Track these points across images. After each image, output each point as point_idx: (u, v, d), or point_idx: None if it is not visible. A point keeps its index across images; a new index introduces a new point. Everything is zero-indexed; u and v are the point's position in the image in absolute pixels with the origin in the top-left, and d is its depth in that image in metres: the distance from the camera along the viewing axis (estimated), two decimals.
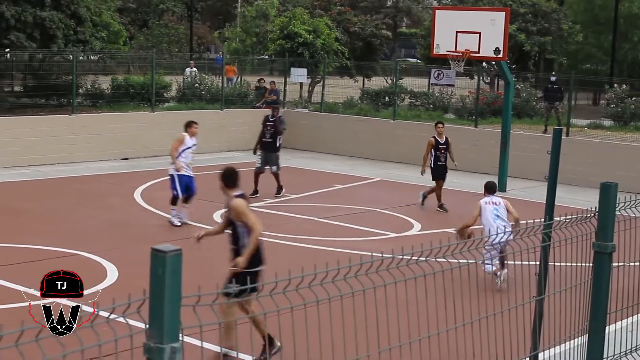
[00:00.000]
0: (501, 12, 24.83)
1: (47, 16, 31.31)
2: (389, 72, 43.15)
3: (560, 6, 52.22)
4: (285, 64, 34.88)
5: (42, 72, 32.72)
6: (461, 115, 33.60)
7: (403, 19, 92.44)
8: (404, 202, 21.69)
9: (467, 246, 5.96)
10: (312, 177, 25.55)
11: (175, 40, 62.89)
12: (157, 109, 29.70)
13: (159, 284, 3.93)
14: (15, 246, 15.58)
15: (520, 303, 6.75)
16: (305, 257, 15.31)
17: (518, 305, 6.69)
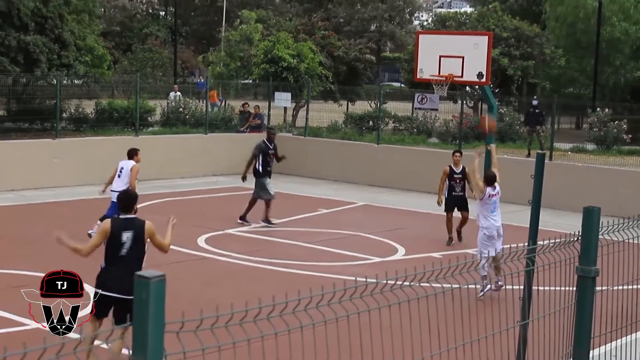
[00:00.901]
0: (484, 36, 24.93)
1: (31, 40, 31.33)
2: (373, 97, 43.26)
3: (543, 31, 52.56)
4: (269, 88, 34.93)
5: (26, 96, 32.68)
6: (445, 139, 33.70)
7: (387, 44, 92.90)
8: (388, 227, 21.70)
9: (452, 271, 5.95)
10: (296, 201, 25.54)
11: (159, 64, 62.97)
12: (141, 133, 29.66)
13: (142, 309, 3.91)
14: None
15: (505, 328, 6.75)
16: (290, 282, 15.27)
17: (502, 330, 6.69)
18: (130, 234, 10.42)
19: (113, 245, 10.45)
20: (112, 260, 10.45)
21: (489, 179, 15.58)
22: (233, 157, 30.38)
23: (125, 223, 10.54)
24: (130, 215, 10.67)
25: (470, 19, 52.36)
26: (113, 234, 10.44)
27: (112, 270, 10.43)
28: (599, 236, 7.04)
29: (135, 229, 10.46)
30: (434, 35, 28.15)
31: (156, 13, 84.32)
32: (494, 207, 15.41)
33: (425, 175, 27.84)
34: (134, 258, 10.38)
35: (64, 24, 33.59)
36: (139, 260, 10.44)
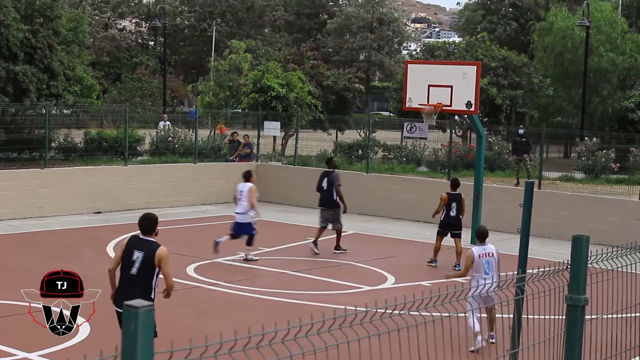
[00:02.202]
0: (472, 66, 25.06)
1: (20, 70, 31.33)
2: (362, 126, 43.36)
3: (531, 60, 52.87)
4: (259, 118, 34.98)
5: (15, 125, 32.61)
6: (434, 168, 33.74)
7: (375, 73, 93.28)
8: (377, 255, 21.68)
9: (441, 300, 5.95)
10: (285, 230, 25.52)
11: (148, 93, 63.08)
12: (130, 163, 29.64)
13: (131, 339, 3.90)
14: None
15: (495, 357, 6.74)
16: (279, 311, 15.23)
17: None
18: (141, 255, 10.56)
19: (125, 262, 10.69)
20: (124, 276, 10.69)
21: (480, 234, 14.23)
22: (222, 186, 30.40)
23: (140, 243, 10.72)
24: (149, 237, 10.78)
25: (459, 49, 52.58)
26: (126, 251, 10.68)
27: (122, 286, 10.65)
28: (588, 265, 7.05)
29: (147, 251, 10.59)
30: (422, 65, 28.27)
31: (145, 43, 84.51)
32: (488, 269, 13.70)
33: (415, 203, 27.89)
34: (141, 278, 10.52)
35: (53, 54, 33.61)
36: (146, 281, 10.54)
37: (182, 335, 10.59)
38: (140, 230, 10.88)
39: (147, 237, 10.80)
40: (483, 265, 13.59)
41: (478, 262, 13.62)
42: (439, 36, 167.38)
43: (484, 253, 13.73)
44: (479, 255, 13.69)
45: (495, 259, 13.79)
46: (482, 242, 13.94)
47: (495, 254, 13.86)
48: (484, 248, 13.83)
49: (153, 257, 10.54)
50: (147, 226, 10.85)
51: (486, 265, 13.64)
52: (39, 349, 12.02)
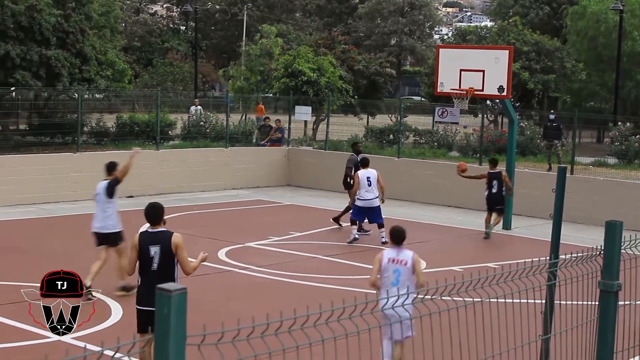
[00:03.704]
0: (505, 50, 24.92)
1: (53, 55, 31.51)
2: (393, 110, 43.31)
3: (564, 45, 52.46)
4: (290, 102, 34.99)
5: (48, 110, 32.86)
6: (465, 152, 33.63)
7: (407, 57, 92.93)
8: (409, 240, 21.59)
9: (473, 285, 5.93)
10: (316, 214, 25.53)
11: (179, 78, 63.19)
12: (162, 147, 29.75)
13: (164, 323, 3.91)
14: (19, 284, 15.54)
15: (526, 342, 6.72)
16: (310, 295, 15.26)
17: (524, 345, 6.65)
18: (158, 249, 10.31)
19: (143, 260, 10.40)
20: (144, 274, 10.39)
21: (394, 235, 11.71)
22: (254, 171, 30.46)
23: (152, 237, 10.43)
24: (159, 228, 10.53)
25: (491, 33, 52.27)
26: (141, 249, 10.38)
27: (145, 284, 10.33)
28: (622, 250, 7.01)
29: (162, 243, 10.33)
30: (454, 50, 28.15)
31: (177, 27, 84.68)
32: (396, 279, 11.05)
33: (446, 188, 27.81)
34: (164, 271, 10.25)
35: (86, 39, 33.78)
36: (168, 273, 10.25)
37: (214, 318, 10.62)
38: (148, 221, 10.60)
39: (157, 228, 10.53)
40: (392, 273, 11.08)
41: (386, 268, 11.16)
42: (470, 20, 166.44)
43: (396, 259, 11.14)
44: (388, 260, 11.18)
45: (409, 268, 11.05)
46: (398, 244, 11.38)
47: (411, 262, 11.10)
48: (398, 253, 11.24)
49: (170, 247, 10.29)
50: (154, 216, 10.54)
51: (395, 274, 11.06)
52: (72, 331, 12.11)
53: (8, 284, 15.59)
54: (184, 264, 10.35)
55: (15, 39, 31.24)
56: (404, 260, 11.11)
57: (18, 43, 31.25)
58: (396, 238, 11.51)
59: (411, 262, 11.09)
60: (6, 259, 17.79)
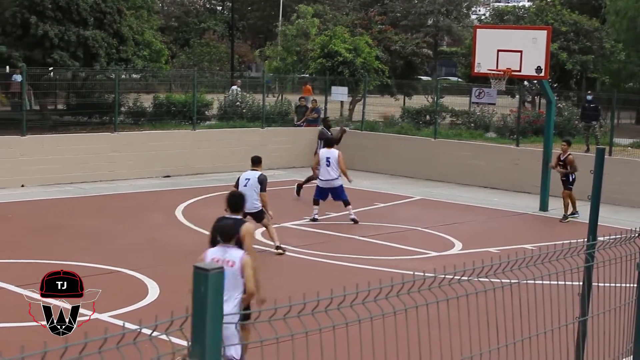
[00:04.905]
0: (543, 30, 24.72)
1: (90, 35, 31.66)
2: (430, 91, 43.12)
3: (602, 25, 51.92)
4: (326, 83, 34.94)
5: (85, 90, 33.06)
6: (502, 134, 33.45)
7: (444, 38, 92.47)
8: (445, 221, 21.61)
9: (510, 266, 5.91)
10: (352, 195, 25.46)
11: (216, 58, 63.30)
12: (198, 127, 29.83)
13: (201, 302, 3.93)
14: (56, 262, 15.69)
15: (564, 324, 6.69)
16: (346, 276, 15.27)
17: (561, 326, 6.63)
18: None
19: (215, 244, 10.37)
20: None
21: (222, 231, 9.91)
22: (290, 151, 30.49)
23: None
24: (236, 215, 10.65)
25: (529, 13, 51.86)
26: (214, 236, 10.42)
27: None
28: None
29: None
30: (491, 30, 27.96)
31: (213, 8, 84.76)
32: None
33: (483, 169, 27.71)
34: None
35: (123, 19, 33.90)
36: None
37: None
38: (229, 208, 10.75)
39: (235, 215, 10.65)
40: None
41: None
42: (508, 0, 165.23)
43: (222, 259, 9.40)
44: (212, 260, 9.45)
45: (236, 271, 9.37)
46: (226, 241, 9.71)
47: (239, 264, 9.45)
48: (225, 251, 9.60)
49: (239, 234, 10.32)
50: (235, 204, 10.75)
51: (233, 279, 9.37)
52: (109, 310, 12.21)
53: (47, 262, 15.72)
54: (248, 250, 10.34)
55: (54, 20, 31.41)
56: (230, 260, 9.40)
57: (56, 23, 31.41)
58: (224, 234, 9.76)
59: (239, 264, 9.42)
60: (45, 237, 17.94)
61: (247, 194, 16.11)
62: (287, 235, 19.01)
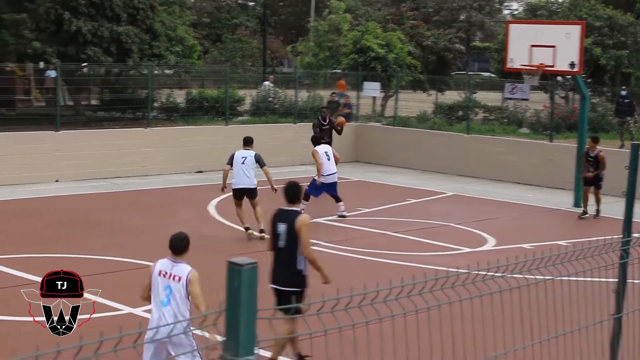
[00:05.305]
0: (576, 25, 24.55)
1: (123, 31, 31.79)
2: (463, 86, 42.95)
3: (637, 19, 51.48)
4: (358, 78, 34.90)
5: (118, 85, 33.21)
6: (536, 129, 33.27)
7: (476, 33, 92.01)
8: (477, 217, 21.53)
9: (544, 262, 5.87)
10: (385, 191, 25.49)
11: (248, 54, 63.37)
12: (230, 123, 29.89)
13: (234, 297, 3.93)
14: (89, 257, 15.79)
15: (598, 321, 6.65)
16: (379, 271, 15.25)
17: (596, 323, 6.58)
18: (284, 226, 10.40)
19: (272, 236, 10.57)
20: (275, 251, 10.53)
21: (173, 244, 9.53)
22: None
23: (283, 215, 10.57)
24: (293, 207, 10.68)
25: (562, 8, 51.51)
26: (272, 225, 10.55)
27: (273, 262, 10.47)
28: None
29: (289, 221, 10.41)
30: (524, 25, 27.78)
31: (245, 3, 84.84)
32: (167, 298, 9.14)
33: (516, 165, 27.57)
34: (289, 250, 10.37)
35: (155, 15, 34.02)
36: (292, 252, 10.35)
37: None
38: (286, 199, 10.75)
39: (291, 206, 10.66)
40: (162, 290, 9.15)
41: (156, 282, 9.23)
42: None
43: (169, 273, 9.20)
44: (159, 272, 9.25)
45: (182, 286, 9.09)
46: (177, 254, 9.36)
47: (186, 280, 9.11)
48: (172, 265, 9.27)
49: (294, 226, 10.35)
50: (293, 195, 10.75)
51: (166, 290, 9.16)
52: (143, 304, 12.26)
53: (81, 257, 15.83)
54: (304, 245, 10.37)
55: (87, 16, 31.57)
56: (177, 275, 9.13)
57: (89, 19, 31.57)
58: (173, 247, 9.40)
59: (185, 280, 9.08)
60: (79, 232, 18.05)
61: (245, 171, 18.22)
62: (320, 230, 19.00)
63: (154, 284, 9.18)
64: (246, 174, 18.22)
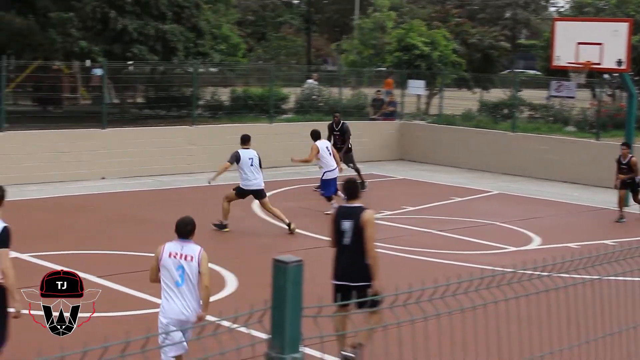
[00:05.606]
0: (624, 22, 24.30)
1: (169, 29, 31.95)
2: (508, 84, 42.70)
3: None
4: (403, 76, 34.81)
5: (163, 84, 33.38)
6: (582, 127, 32.98)
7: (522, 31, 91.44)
8: (523, 216, 21.40)
9: (591, 262, 5.82)
10: (429, 189, 25.41)
11: (293, 52, 63.46)
12: (275, 121, 29.95)
13: (280, 294, 3.94)
14: (136, 254, 15.88)
15: None
16: (424, 270, 15.21)
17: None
18: (350, 223, 10.38)
19: (336, 234, 10.53)
20: (338, 248, 10.52)
21: (179, 226, 9.87)
22: (366, 145, 30.44)
23: (346, 211, 10.54)
24: (355, 203, 10.61)
25: (609, 5, 51.01)
26: (335, 223, 10.52)
27: (339, 259, 10.47)
28: None
29: (354, 218, 10.39)
30: (571, 22, 27.61)
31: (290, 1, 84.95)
32: (181, 278, 9.45)
33: (561, 164, 27.36)
34: (355, 247, 10.34)
35: (200, 13, 34.15)
36: (361, 248, 10.33)
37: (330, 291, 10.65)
38: (346, 195, 10.75)
39: (353, 203, 10.61)
40: (174, 271, 9.45)
41: (167, 264, 9.50)
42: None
43: (179, 254, 9.52)
44: (169, 254, 9.56)
45: (195, 264, 9.47)
46: (184, 237, 9.69)
47: (198, 258, 9.52)
48: (182, 246, 9.60)
49: (359, 222, 10.34)
50: (353, 191, 10.69)
51: (179, 271, 9.44)
52: None
53: (127, 254, 15.95)
54: (368, 239, 10.35)
55: (133, 14, 31.76)
56: (189, 254, 9.50)
57: (135, 18, 31.76)
58: (182, 231, 9.73)
59: (198, 258, 9.47)
60: (125, 229, 18.19)
61: (255, 172, 18.62)
62: None
63: (164, 266, 9.46)
64: (256, 175, 18.42)
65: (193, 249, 9.52)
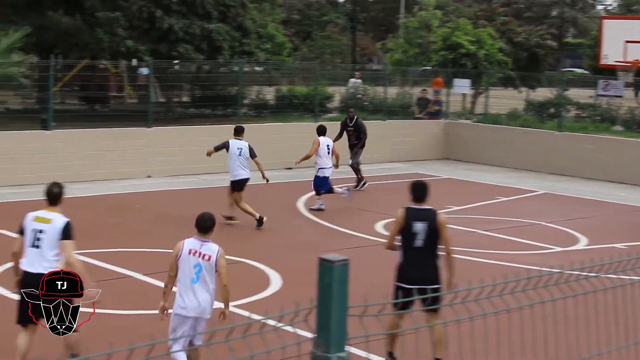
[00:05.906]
0: None
1: (214, 28, 32.09)
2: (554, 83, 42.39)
3: None
4: (448, 75, 34.68)
5: (209, 83, 33.54)
6: (630, 127, 32.65)
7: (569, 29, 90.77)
8: (569, 216, 21.23)
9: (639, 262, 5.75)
10: (474, 188, 25.28)
11: (338, 51, 63.47)
12: (320, 120, 29.93)
13: (326, 293, 3.93)
14: None
15: None
16: (470, 270, 15.12)
17: None
18: (424, 225, 10.35)
19: (406, 235, 10.45)
20: (407, 250, 10.45)
21: (200, 223, 9.98)
22: (411, 144, 30.38)
23: (418, 213, 10.47)
24: (424, 205, 10.57)
25: None
26: (406, 224, 10.42)
27: (410, 260, 10.38)
28: None
29: (429, 220, 10.38)
30: (619, 21, 27.41)
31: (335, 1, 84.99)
32: (196, 275, 9.57)
33: (609, 163, 27.11)
34: (428, 249, 10.37)
35: (246, 12, 34.26)
36: (434, 250, 10.39)
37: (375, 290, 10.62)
38: (413, 198, 10.62)
39: (422, 205, 10.55)
40: (191, 268, 9.57)
41: (185, 261, 9.60)
42: None
43: (198, 252, 9.62)
44: (189, 251, 9.65)
45: (212, 264, 9.62)
46: (203, 234, 9.81)
47: (216, 258, 9.65)
48: (201, 244, 9.69)
49: (436, 225, 10.37)
50: (421, 194, 10.61)
51: (195, 268, 9.56)
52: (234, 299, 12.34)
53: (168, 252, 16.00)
54: (446, 242, 10.46)
55: (178, 14, 31.95)
56: (207, 254, 9.59)
57: (181, 17, 31.95)
58: (202, 226, 9.83)
59: (215, 258, 9.57)
60: (170, 227, 18.27)
61: (242, 162, 19.14)
62: None
63: (182, 262, 9.58)
64: (242, 166, 18.84)
65: (211, 249, 9.65)
